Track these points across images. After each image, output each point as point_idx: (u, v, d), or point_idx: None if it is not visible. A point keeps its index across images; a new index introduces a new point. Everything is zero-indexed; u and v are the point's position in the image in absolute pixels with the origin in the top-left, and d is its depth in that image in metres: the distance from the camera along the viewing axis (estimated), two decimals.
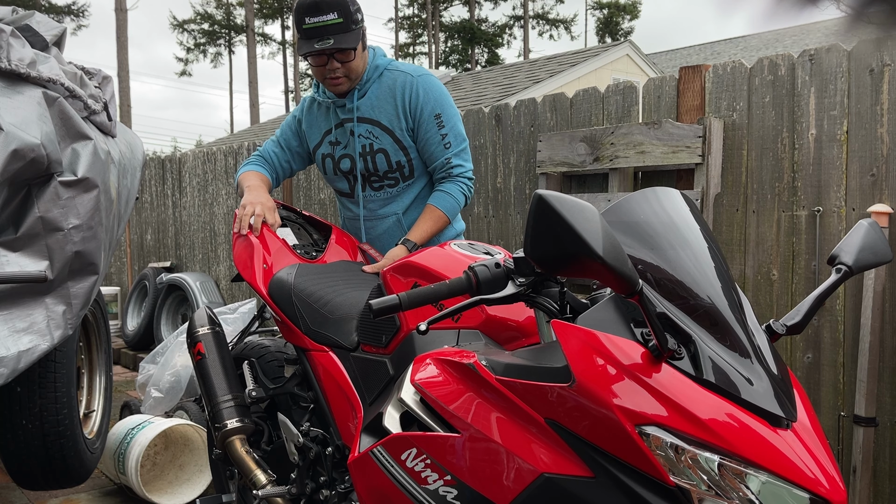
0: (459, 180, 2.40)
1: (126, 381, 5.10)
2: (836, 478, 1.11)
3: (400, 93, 2.35)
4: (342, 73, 2.29)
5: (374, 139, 2.38)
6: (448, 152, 2.37)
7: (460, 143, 2.39)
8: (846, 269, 1.42)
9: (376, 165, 2.40)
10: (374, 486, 1.48)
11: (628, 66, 13.29)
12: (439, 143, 2.35)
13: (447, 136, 2.36)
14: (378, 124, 2.37)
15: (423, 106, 2.33)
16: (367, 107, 2.38)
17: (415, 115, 2.34)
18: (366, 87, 2.38)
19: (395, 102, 2.35)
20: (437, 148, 2.36)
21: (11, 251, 1.93)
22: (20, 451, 2.56)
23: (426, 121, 2.34)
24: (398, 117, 2.35)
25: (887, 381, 2.43)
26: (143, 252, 6.61)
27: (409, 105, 2.34)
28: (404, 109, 2.34)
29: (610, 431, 1.14)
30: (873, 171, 2.44)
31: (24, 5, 20.29)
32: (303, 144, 2.57)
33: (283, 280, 2.14)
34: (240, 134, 19.82)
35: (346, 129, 2.42)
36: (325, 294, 2.05)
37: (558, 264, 1.08)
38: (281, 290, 2.13)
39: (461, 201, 2.41)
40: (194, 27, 34.88)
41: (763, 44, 18.86)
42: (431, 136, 2.35)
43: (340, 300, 2.02)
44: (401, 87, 2.35)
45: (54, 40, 2.44)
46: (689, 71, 2.88)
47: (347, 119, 2.40)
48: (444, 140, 2.35)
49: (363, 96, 2.38)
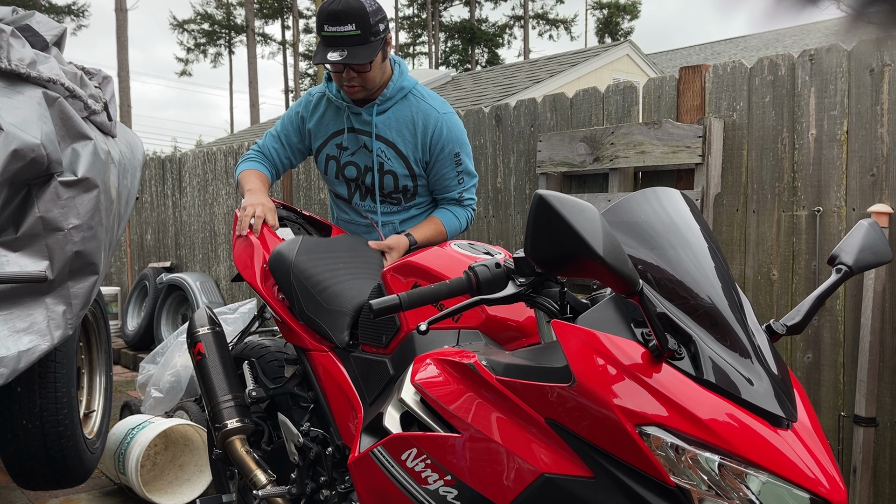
0: (468, 208, 2.50)
1: (126, 381, 5.10)
2: (836, 478, 1.11)
3: (422, 126, 2.36)
4: (358, 82, 2.28)
5: (386, 160, 2.39)
6: (461, 187, 2.45)
7: (472, 179, 2.48)
8: (846, 269, 1.42)
9: (383, 184, 2.42)
10: (375, 486, 1.48)
11: (628, 66, 13.28)
12: (454, 178, 2.42)
13: (462, 173, 2.43)
14: (394, 147, 2.38)
15: (444, 144, 2.37)
16: (384, 126, 2.37)
17: (434, 152, 2.38)
18: (386, 105, 2.37)
19: (415, 133, 2.36)
20: (452, 182, 2.43)
21: (11, 251, 1.93)
22: (20, 451, 2.56)
23: (445, 158, 2.39)
24: (416, 148, 2.37)
25: (887, 381, 2.43)
26: (143, 252, 6.61)
27: (430, 141, 2.37)
28: (425, 143, 2.37)
29: (610, 431, 1.13)
30: (873, 171, 2.44)
31: (24, 5, 20.29)
32: (303, 140, 2.56)
33: (283, 255, 2.11)
34: (240, 134, 19.82)
35: (357, 139, 2.41)
36: (325, 279, 2.03)
37: (558, 264, 1.08)
38: (280, 264, 2.11)
39: (463, 226, 2.49)
40: (194, 27, 34.89)
41: (763, 44, 18.86)
42: (447, 172, 2.41)
43: (338, 290, 2.00)
44: (424, 121, 2.36)
45: (54, 40, 2.44)
46: (689, 71, 2.88)
47: (363, 131, 2.39)
48: (459, 177, 2.43)
49: (382, 113, 2.37)
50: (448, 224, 2.43)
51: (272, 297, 2.18)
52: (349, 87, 2.30)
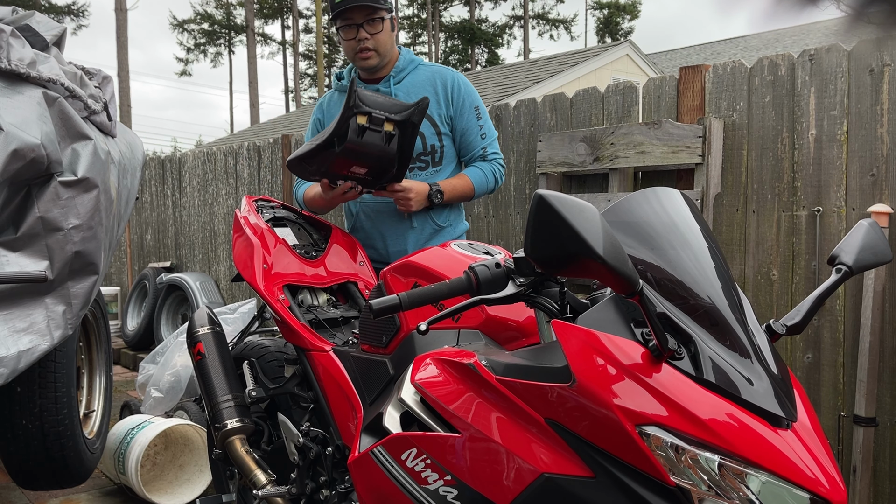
0: (494, 163, 2.53)
1: (126, 381, 5.10)
2: (836, 478, 1.11)
3: (441, 82, 2.46)
4: (371, 45, 2.37)
5: None
6: (484, 142, 2.51)
7: (493, 134, 2.54)
8: (846, 269, 1.42)
9: None
10: (375, 486, 1.48)
11: (628, 66, 13.28)
12: (477, 133, 2.49)
13: (483, 127, 2.50)
14: None
15: (464, 97, 2.47)
16: (404, 94, 2.45)
17: (457, 104, 2.46)
18: (401, 76, 2.47)
19: (437, 90, 2.45)
20: (475, 138, 2.49)
21: (11, 251, 1.93)
22: (20, 451, 2.56)
23: (467, 111, 2.47)
24: (439, 104, 2.45)
25: (887, 381, 2.43)
26: (143, 252, 6.61)
27: (451, 94, 2.46)
28: (447, 97, 2.45)
29: (610, 431, 1.14)
30: (873, 171, 2.44)
31: (24, 5, 20.29)
32: None
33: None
34: (240, 134, 19.82)
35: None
36: None
37: (558, 264, 1.08)
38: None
39: (491, 181, 2.52)
40: (194, 27, 34.88)
41: (763, 44, 18.85)
42: (471, 126, 2.48)
43: None
44: (442, 78, 2.47)
45: (54, 40, 2.44)
46: (689, 71, 2.88)
47: None
48: (482, 131, 2.50)
49: (399, 83, 2.46)
50: (475, 178, 2.47)
51: (272, 297, 2.18)
52: (362, 52, 2.38)
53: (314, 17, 27.74)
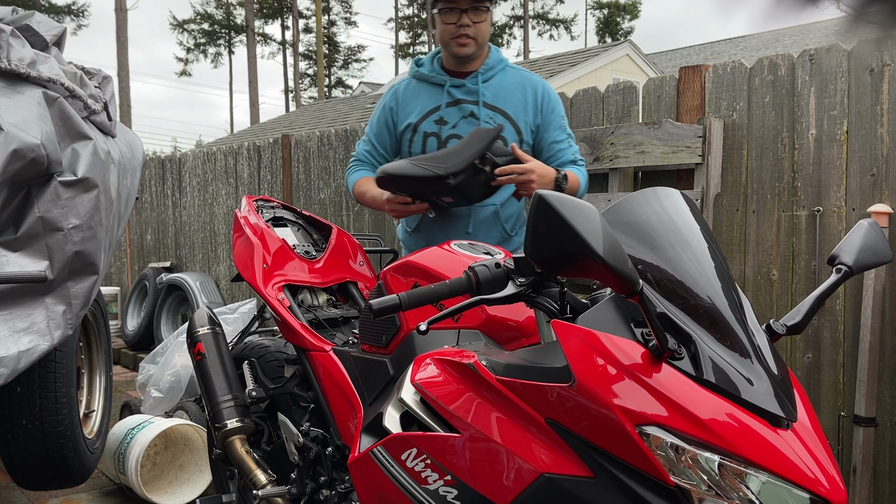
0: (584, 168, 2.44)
1: (126, 381, 5.10)
2: (836, 478, 1.11)
3: (532, 90, 2.39)
4: (472, 32, 2.29)
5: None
6: (572, 149, 2.44)
7: (575, 143, 2.47)
8: (846, 269, 1.42)
9: None
10: (375, 486, 1.48)
11: (628, 66, 13.29)
12: (565, 140, 2.42)
13: (569, 137, 2.44)
14: (503, 113, 2.35)
15: (553, 106, 2.41)
16: (491, 94, 2.36)
17: (546, 114, 2.40)
18: (489, 74, 2.38)
19: (525, 97, 2.38)
20: (564, 146, 2.42)
21: (11, 251, 1.93)
22: (20, 451, 2.56)
23: (555, 121, 2.41)
24: (526, 111, 2.38)
25: (887, 381, 2.43)
26: (143, 252, 6.61)
27: (542, 104, 2.39)
28: (536, 106, 2.39)
29: (610, 431, 1.14)
30: (873, 171, 2.44)
31: (24, 5, 20.29)
32: (391, 134, 2.47)
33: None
34: (240, 134, 19.82)
35: (461, 110, 2.36)
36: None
37: (558, 264, 1.08)
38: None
39: (586, 184, 2.43)
40: (194, 27, 34.88)
41: (763, 44, 18.86)
42: (559, 135, 2.41)
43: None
44: (533, 85, 2.40)
45: (54, 40, 2.44)
46: (689, 71, 2.88)
47: (467, 101, 2.36)
48: (569, 139, 2.44)
49: (487, 81, 2.37)
50: (581, 177, 2.38)
51: (272, 297, 2.18)
52: (461, 38, 2.29)
53: (314, 17, 27.73)
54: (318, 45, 18.03)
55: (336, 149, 4.62)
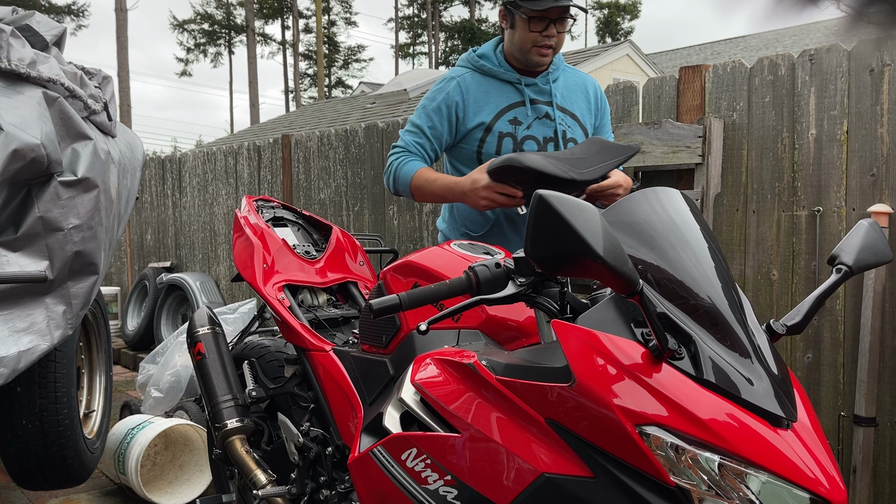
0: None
1: (126, 381, 5.10)
2: (836, 478, 1.11)
3: (592, 91, 2.40)
4: (554, 43, 2.24)
5: (568, 128, 2.31)
6: None
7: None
8: (846, 269, 1.42)
9: None
10: (375, 487, 1.48)
11: (628, 66, 13.29)
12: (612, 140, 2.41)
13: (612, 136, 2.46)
14: (573, 115, 2.33)
15: (606, 106, 2.44)
16: (559, 93, 2.32)
17: (601, 114, 2.42)
18: (556, 75, 2.33)
19: (587, 99, 2.37)
20: None
21: (11, 251, 1.93)
22: (20, 451, 2.56)
23: (607, 123, 2.43)
24: (590, 113, 2.39)
25: (887, 381, 2.43)
26: (143, 252, 6.61)
27: (599, 104, 2.41)
28: (596, 107, 2.40)
29: (610, 431, 1.13)
30: (873, 171, 2.44)
31: (24, 5, 20.29)
32: (452, 130, 2.29)
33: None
34: (240, 134, 19.82)
35: (537, 111, 2.28)
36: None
37: (558, 264, 1.08)
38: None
39: None
40: (194, 27, 34.89)
41: (763, 44, 18.85)
42: (609, 135, 2.44)
43: None
44: (592, 86, 2.41)
45: (54, 40, 2.44)
46: (689, 71, 2.88)
47: (542, 102, 2.29)
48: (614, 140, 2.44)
49: (555, 81, 2.33)
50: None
51: (272, 297, 2.18)
52: (543, 48, 2.21)
53: (314, 17, 27.72)
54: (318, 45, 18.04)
55: (336, 149, 4.62)
